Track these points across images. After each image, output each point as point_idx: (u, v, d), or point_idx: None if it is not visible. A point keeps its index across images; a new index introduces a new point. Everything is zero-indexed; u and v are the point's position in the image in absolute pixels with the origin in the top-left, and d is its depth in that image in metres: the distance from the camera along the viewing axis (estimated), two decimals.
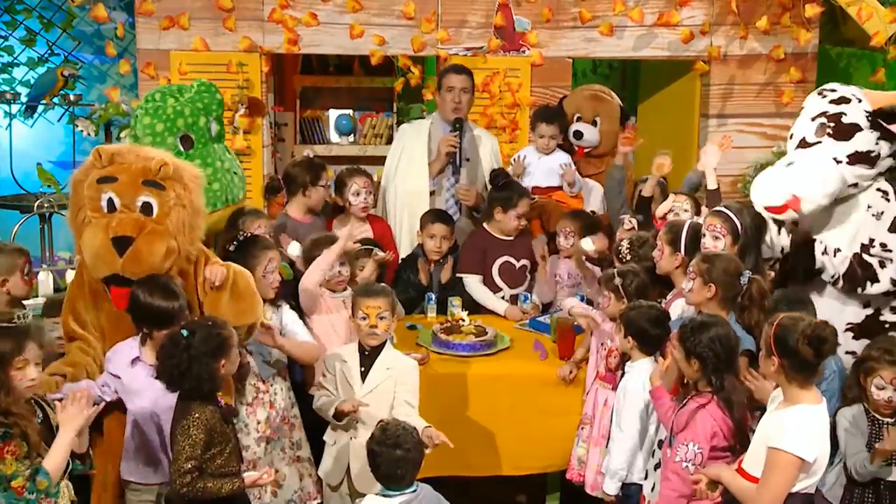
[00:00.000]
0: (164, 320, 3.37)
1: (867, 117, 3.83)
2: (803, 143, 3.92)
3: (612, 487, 3.79)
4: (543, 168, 5.41)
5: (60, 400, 2.99)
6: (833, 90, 3.97)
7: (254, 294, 3.63)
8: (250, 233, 4.07)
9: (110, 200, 3.48)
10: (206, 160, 4.14)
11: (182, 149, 4.08)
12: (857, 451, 3.49)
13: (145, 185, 3.47)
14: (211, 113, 4.23)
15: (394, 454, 3.05)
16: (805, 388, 3.01)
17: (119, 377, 3.45)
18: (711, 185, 4.56)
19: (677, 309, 3.94)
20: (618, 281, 3.96)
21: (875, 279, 3.85)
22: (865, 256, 3.86)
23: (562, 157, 5.45)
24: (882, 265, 3.85)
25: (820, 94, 4.00)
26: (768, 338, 3.01)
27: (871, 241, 3.88)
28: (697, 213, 4.56)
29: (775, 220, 3.98)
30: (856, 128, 3.82)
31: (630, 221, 4.69)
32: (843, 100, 3.89)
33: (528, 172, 5.39)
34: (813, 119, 3.91)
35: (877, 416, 3.54)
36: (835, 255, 3.87)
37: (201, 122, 4.16)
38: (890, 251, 3.85)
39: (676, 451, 3.26)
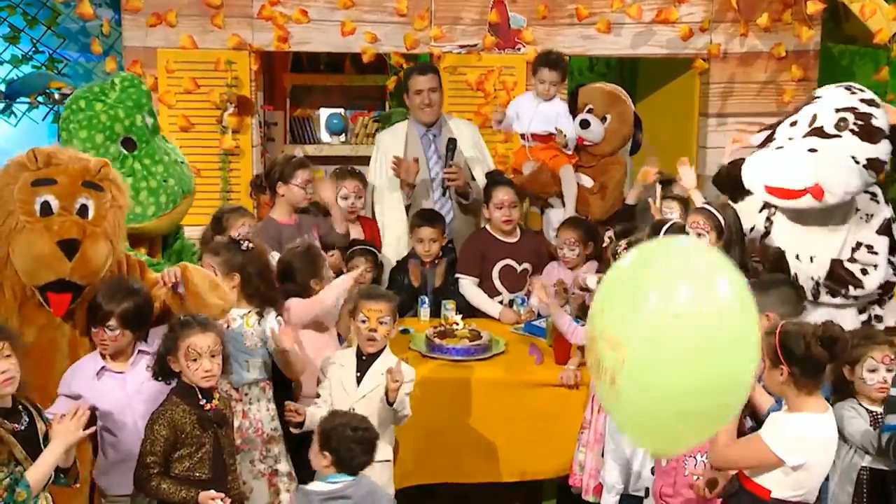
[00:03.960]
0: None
1: (889, 128, 3.81)
2: (819, 132, 3.83)
3: (609, 501, 3.73)
4: (541, 114, 5.23)
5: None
6: (862, 90, 3.94)
7: (217, 286, 3.56)
8: (230, 234, 4.00)
9: (45, 203, 3.37)
10: (154, 157, 4.05)
11: (126, 152, 3.98)
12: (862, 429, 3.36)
13: (85, 187, 3.40)
14: (143, 108, 4.08)
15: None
16: (812, 395, 2.91)
17: (81, 395, 3.33)
18: (699, 202, 4.38)
19: None
20: None
21: (859, 285, 3.84)
22: (847, 264, 3.85)
23: (559, 106, 5.28)
24: (864, 272, 3.85)
25: (848, 89, 3.95)
26: (773, 347, 2.90)
27: (859, 244, 3.87)
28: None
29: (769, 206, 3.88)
30: (882, 133, 3.79)
31: (609, 238, 4.60)
32: (874, 103, 3.87)
33: (525, 117, 5.23)
34: (837, 111, 3.83)
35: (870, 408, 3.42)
36: (811, 262, 3.84)
37: (138, 120, 4.03)
38: (876, 254, 3.85)
39: (685, 465, 3.22)
